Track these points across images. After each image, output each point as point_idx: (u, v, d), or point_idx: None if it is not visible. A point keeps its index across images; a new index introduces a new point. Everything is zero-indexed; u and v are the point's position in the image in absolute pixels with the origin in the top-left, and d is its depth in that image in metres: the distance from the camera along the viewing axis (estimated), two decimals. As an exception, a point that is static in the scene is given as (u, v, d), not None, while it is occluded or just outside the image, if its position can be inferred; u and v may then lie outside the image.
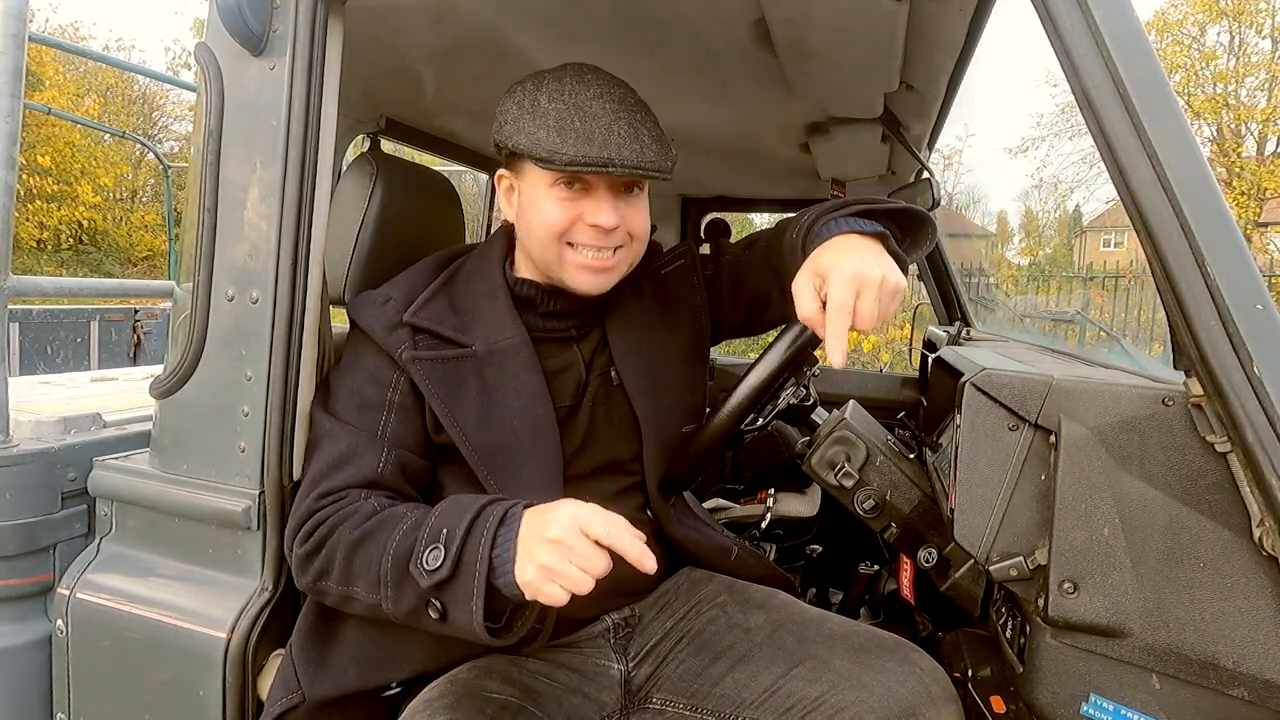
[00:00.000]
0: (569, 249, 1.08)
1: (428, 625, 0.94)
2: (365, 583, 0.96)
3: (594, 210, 1.06)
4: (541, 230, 1.08)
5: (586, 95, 1.04)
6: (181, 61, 19.00)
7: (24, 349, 4.63)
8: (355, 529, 0.99)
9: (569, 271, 1.10)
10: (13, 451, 1.25)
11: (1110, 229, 24.71)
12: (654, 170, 1.03)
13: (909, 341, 4.33)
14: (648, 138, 1.04)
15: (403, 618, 0.95)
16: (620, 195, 1.08)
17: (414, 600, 0.93)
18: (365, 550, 0.97)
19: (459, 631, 0.91)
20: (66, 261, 17.81)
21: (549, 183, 1.06)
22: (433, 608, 0.92)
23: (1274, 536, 0.81)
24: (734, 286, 1.31)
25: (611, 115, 1.03)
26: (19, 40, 1.24)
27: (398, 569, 0.94)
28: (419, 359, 1.08)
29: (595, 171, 1.01)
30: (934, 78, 1.43)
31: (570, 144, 1.00)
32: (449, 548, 0.91)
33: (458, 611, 0.90)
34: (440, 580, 0.90)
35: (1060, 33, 0.86)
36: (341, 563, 0.98)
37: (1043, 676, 0.94)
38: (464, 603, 0.89)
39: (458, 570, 0.90)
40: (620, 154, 1.00)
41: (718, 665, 1.12)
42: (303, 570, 1.03)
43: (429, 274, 1.18)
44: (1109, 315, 7.47)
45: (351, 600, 1.00)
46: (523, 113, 1.05)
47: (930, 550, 1.26)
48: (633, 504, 1.21)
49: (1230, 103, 18.09)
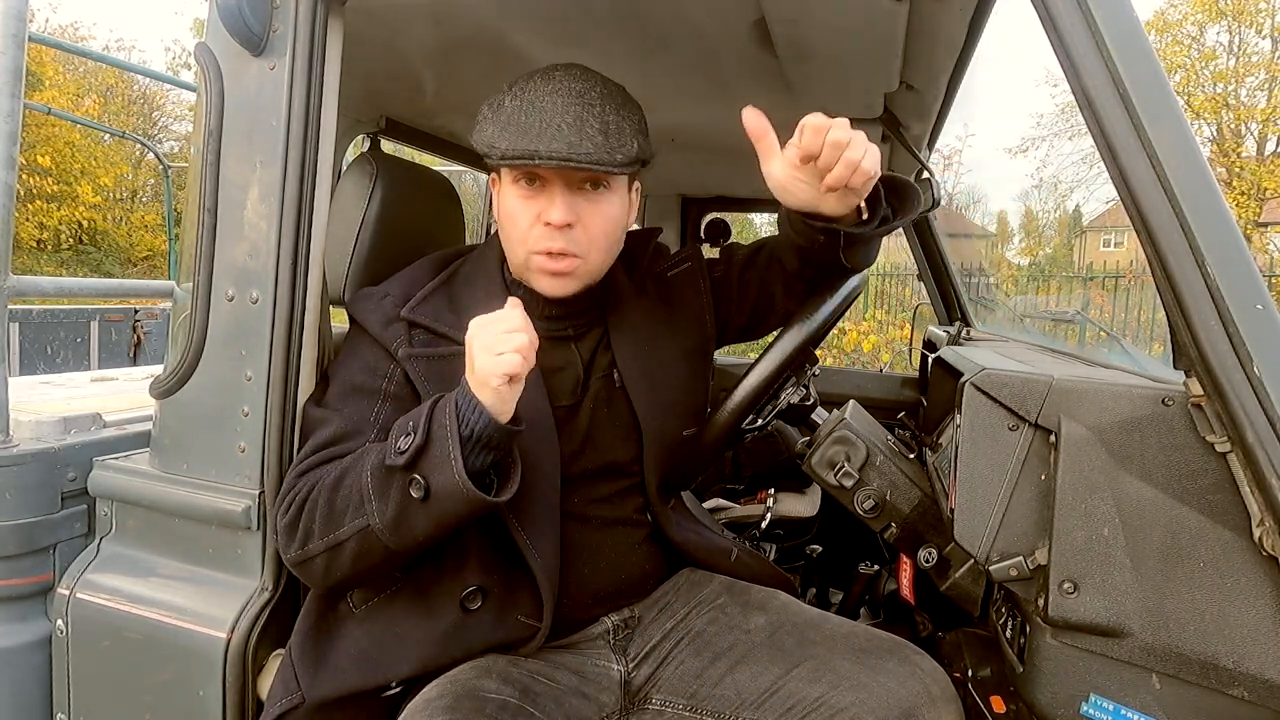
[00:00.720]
0: (534, 255, 1.09)
1: (417, 520, 0.93)
2: (350, 512, 0.97)
3: (545, 206, 1.06)
4: (509, 229, 1.10)
5: (543, 91, 1.04)
6: (181, 61, 19.02)
7: (24, 349, 4.63)
8: (329, 477, 1.00)
9: (534, 276, 1.11)
10: (13, 451, 1.25)
11: (1110, 229, 24.70)
12: (587, 162, 0.99)
13: (909, 341, 4.33)
14: (594, 130, 1.01)
15: (391, 522, 0.94)
16: (578, 192, 1.07)
17: (399, 491, 0.93)
18: (343, 487, 0.98)
19: (446, 500, 0.91)
20: (66, 261, 17.81)
21: (510, 180, 1.08)
22: (415, 486, 0.92)
23: (1274, 536, 0.81)
24: (741, 288, 1.31)
25: (560, 109, 1.02)
26: (19, 40, 1.24)
27: (378, 474, 0.95)
28: (414, 355, 1.09)
29: (521, 163, 1.01)
30: (934, 78, 1.43)
31: (507, 138, 1.01)
32: (416, 425, 0.93)
33: (438, 474, 0.91)
34: (416, 448, 0.91)
35: (1060, 33, 0.86)
36: (323, 510, 0.98)
37: (1043, 676, 0.94)
38: (442, 463, 0.90)
39: (429, 435, 0.92)
40: (550, 146, 0.99)
41: (717, 666, 1.12)
42: (288, 541, 1.02)
43: (429, 272, 1.19)
44: (1109, 315, 7.47)
45: (340, 548, 0.98)
46: (490, 113, 1.07)
47: (930, 550, 1.26)
48: (632, 506, 1.21)
49: (1230, 103, 18.08)
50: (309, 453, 1.07)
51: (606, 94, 1.06)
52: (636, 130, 1.07)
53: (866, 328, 8.25)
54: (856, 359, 7.95)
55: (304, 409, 1.15)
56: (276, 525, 1.04)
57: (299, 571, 1.05)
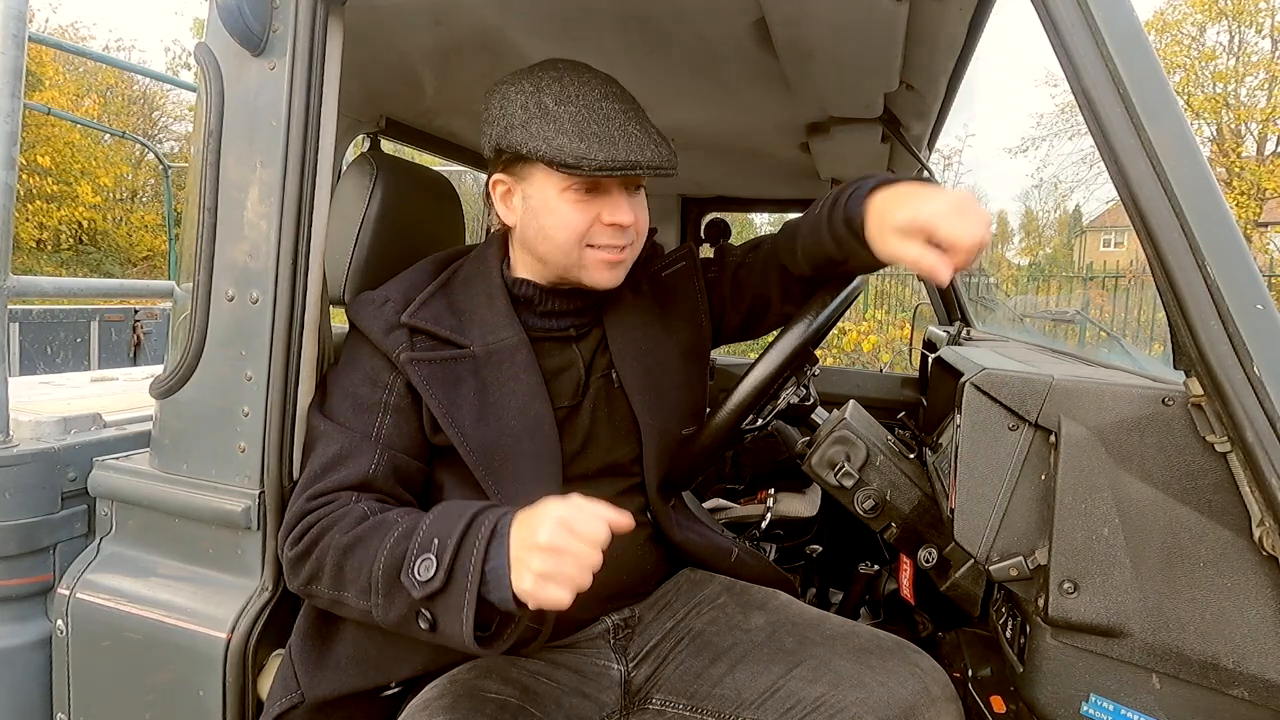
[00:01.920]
0: (589, 250, 1.09)
1: (416, 634, 0.94)
2: (356, 590, 0.96)
3: (612, 210, 1.07)
4: (561, 234, 1.08)
5: (593, 96, 1.05)
6: (181, 61, 18.99)
7: (24, 349, 4.63)
8: (345, 534, 0.98)
9: (590, 270, 1.11)
10: (13, 451, 1.25)
11: (1110, 229, 24.71)
12: (670, 168, 1.06)
13: (909, 341, 4.33)
14: (656, 137, 1.07)
15: (392, 625, 0.95)
16: (629, 192, 1.10)
17: (404, 609, 0.93)
18: (356, 557, 0.97)
19: (448, 640, 0.91)
20: (66, 261, 17.82)
21: (562, 187, 1.06)
22: (423, 618, 0.91)
23: (1274, 536, 0.81)
24: (736, 288, 1.31)
25: (623, 116, 1.05)
26: (19, 40, 1.24)
27: (389, 578, 0.93)
28: (416, 360, 1.08)
29: (624, 174, 1.02)
30: (934, 78, 1.43)
31: (595, 149, 1.01)
32: (441, 559, 0.90)
33: (448, 622, 0.90)
34: (432, 592, 0.89)
35: (1060, 33, 0.86)
36: (332, 568, 0.98)
37: (1043, 676, 0.94)
38: (455, 614, 0.89)
39: (450, 582, 0.89)
40: (642, 155, 1.03)
41: (718, 666, 1.12)
42: (294, 573, 1.03)
43: (428, 275, 1.18)
44: (1109, 315, 7.47)
45: (342, 605, 1.00)
46: (531, 117, 1.04)
47: (930, 550, 1.26)
48: (632, 506, 1.21)
49: (1230, 103, 18.08)
50: (315, 474, 1.05)
51: (633, 97, 1.11)
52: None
53: (866, 328, 8.26)
54: (856, 359, 7.95)
55: (307, 416, 1.14)
56: (282, 551, 1.04)
57: (301, 595, 1.07)
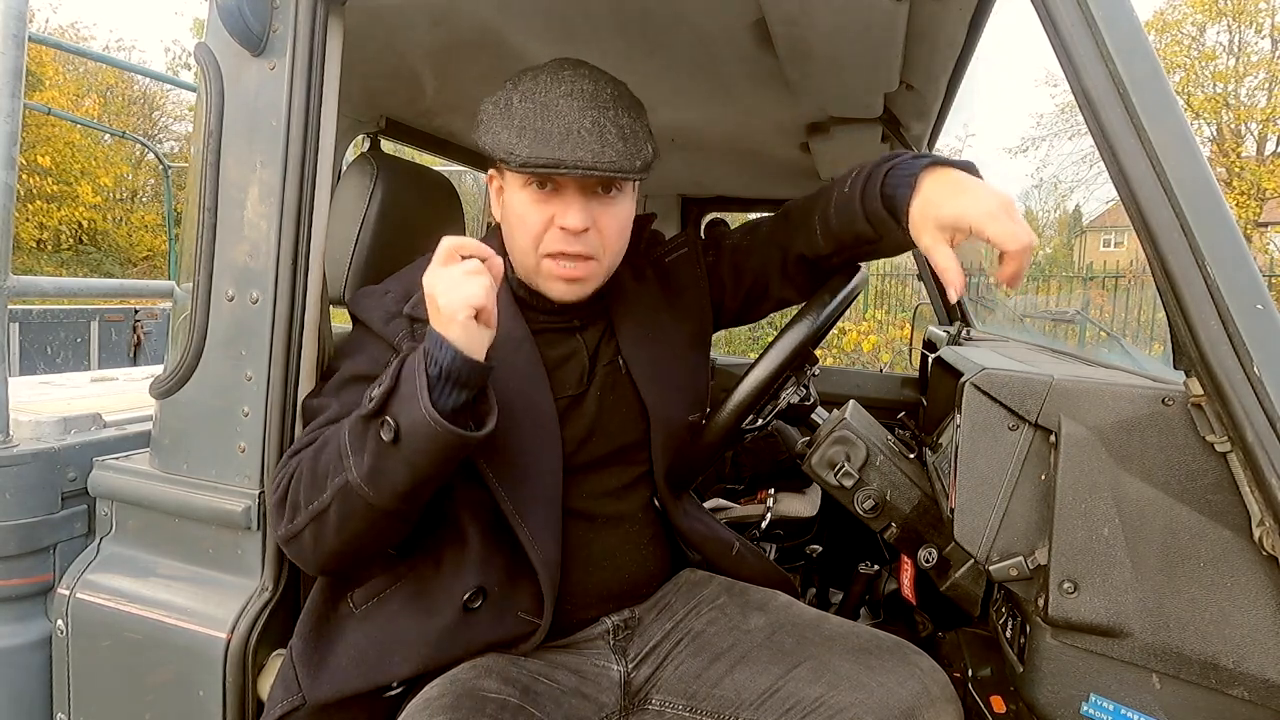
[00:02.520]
0: (545, 259, 1.08)
1: (394, 468, 0.92)
2: (331, 473, 0.96)
3: (562, 211, 1.05)
4: (519, 234, 1.08)
5: (556, 93, 1.03)
6: (181, 61, 18.98)
7: (24, 349, 4.63)
8: (312, 446, 1.01)
9: (545, 281, 1.11)
10: (13, 451, 1.25)
11: (1110, 229, 24.71)
12: (611, 170, 1.00)
13: (909, 341, 4.33)
14: (613, 136, 1.01)
15: (368, 473, 0.93)
16: (593, 196, 1.06)
17: (372, 442, 0.92)
18: (325, 453, 0.98)
19: (418, 439, 0.90)
20: (66, 261, 17.81)
21: (520, 184, 1.06)
22: (385, 428, 0.90)
23: (1274, 536, 0.81)
24: (735, 272, 1.30)
25: (576, 113, 1.01)
26: (19, 40, 1.24)
27: (354, 430, 0.94)
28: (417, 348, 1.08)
29: (544, 172, 1.00)
30: (934, 78, 1.43)
31: (526, 144, 0.99)
32: (387, 374, 0.93)
33: (408, 414, 0.89)
34: (386, 391, 0.91)
35: (1060, 33, 0.85)
36: (308, 478, 0.98)
37: (1043, 676, 0.94)
38: (409, 400, 0.89)
39: (398, 379, 0.91)
40: (575, 154, 0.98)
41: (717, 666, 1.12)
42: (277, 518, 1.02)
43: None
44: (1109, 315, 7.47)
45: (325, 514, 0.97)
46: (496, 111, 1.05)
47: (930, 550, 1.26)
48: (639, 501, 1.21)
49: (1230, 103, 18.08)
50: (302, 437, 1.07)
51: (617, 95, 1.05)
52: (647, 131, 1.07)
53: (866, 328, 8.25)
54: (856, 359, 7.95)
55: (303, 403, 1.15)
56: (269, 508, 1.03)
57: (290, 550, 1.04)
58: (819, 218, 1.16)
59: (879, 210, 1.04)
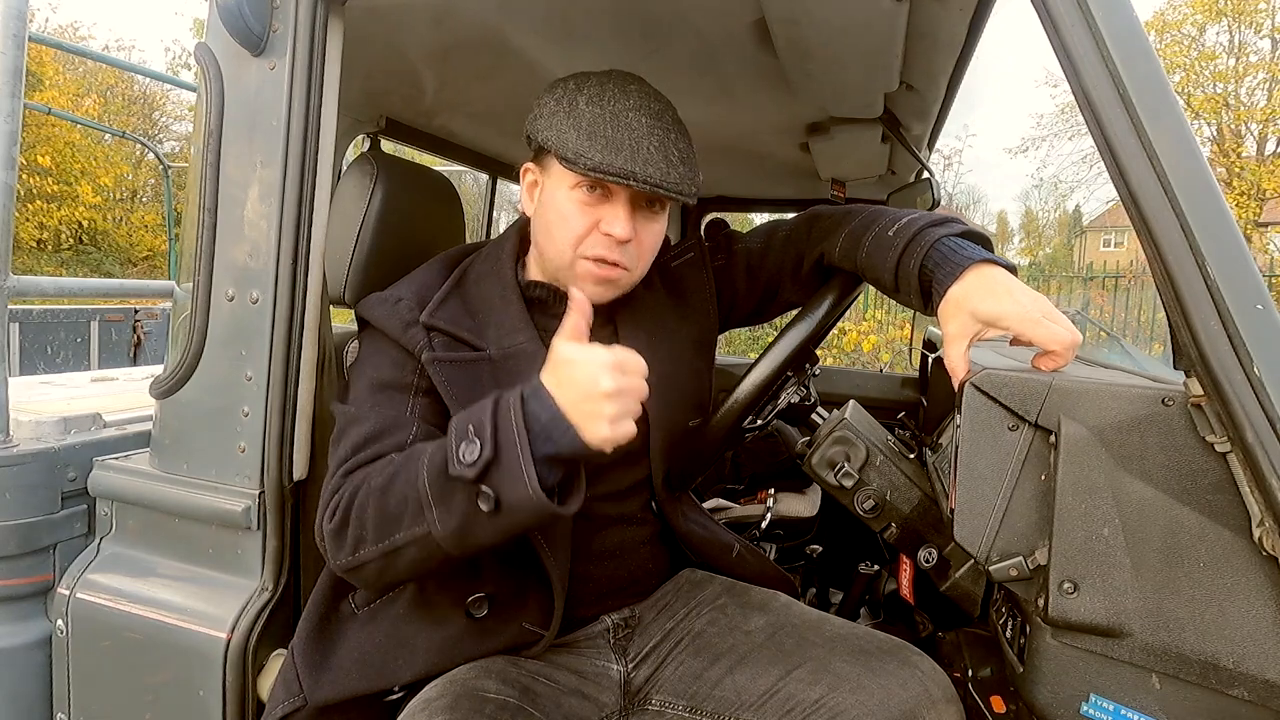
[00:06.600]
0: (582, 260, 1.09)
1: (482, 529, 0.90)
2: (407, 519, 0.93)
3: (610, 219, 1.06)
4: (560, 232, 1.08)
5: (624, 105, 1.05)
6: (181, 61, 19.01)
7: (24, 349, 4.63)
8: (378, 478, 0.97)
9: (578, 279, 1.10)
10: (13, 451, 1.25)
11: (1110, 229, 24.73)
12: (674, 191, 1.03)
13: (909, 341, 4.33)
14: (676, 158, 1.05)
15: (454, 530, 0.91)
16: (639, 209, 1.09)
17: (464, 501, 0.90)
18: (395, 490, 0.95)
19: (517, 513, 0.88)
20: (66, 261, 17.83)
21: (571, 184, 1.07)
22: (484, 499, 0.88)
23: (1274, 536, 0.81)
24: (750, 276, 1.31)
25: (645, 129, 1.04)
26: (19, 40, 1.24)
27: (437, 482, 0.91)
28: (439, 360, 1.07)
29: (615, 180, 1.01)
30: (934, 78, 1.43)
31: (597, 150, 1.01)
32: (482, 435, 0.89)
33: (511, 489, 0.87)
34: (485, 463, 0.87)
35: (1060, 33, 0.85)
36: (375, 515, 0.95)
37: (1043, 676, 0.94)
38: (515, 476, 0.87)
39: (499, 449, 0.88)
40: (644, 169, 1.01)
41: (717, 667, 1.12)
42: (337, 547, 0.99)
43: (439, 274, 1.17)
44: (1109, 315, 7.47)
45: (396, 554, 0.95)
46: (559, 109, 1.05)
47: (930, 550, 1.26)
48: (638, 502, 1.21)
49: (1230, 103, 18.08)
50: (349, 452, 1.03)
51: (675, 120, 1.09)
52: (695, 159, 1.10)
53: (866, 328, 8.25)
54: (856, 359, 7.95)
55: (333, 408, 1.12)
56: (323, 531, 1.00)
57: (350, 577, 1.02)
58: (846, 237, 1.16)
59: (912, 279, 1.05)
